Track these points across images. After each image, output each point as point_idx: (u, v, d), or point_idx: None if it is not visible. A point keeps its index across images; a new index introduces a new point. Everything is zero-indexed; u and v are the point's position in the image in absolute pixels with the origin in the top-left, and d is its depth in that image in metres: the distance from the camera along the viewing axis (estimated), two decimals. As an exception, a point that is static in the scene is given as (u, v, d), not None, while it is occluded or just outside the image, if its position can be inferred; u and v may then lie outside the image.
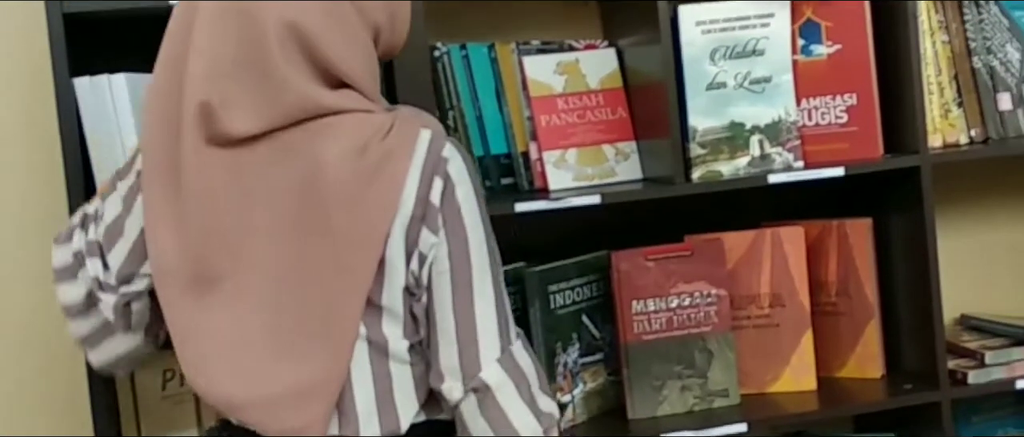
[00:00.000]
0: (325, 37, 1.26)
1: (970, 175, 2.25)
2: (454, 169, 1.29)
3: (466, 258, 1.28)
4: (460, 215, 1.29)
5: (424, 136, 1.28)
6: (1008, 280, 2.29)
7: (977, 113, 2.06)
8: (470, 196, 1.30)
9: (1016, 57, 2.13)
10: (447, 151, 1.29)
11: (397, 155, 1.26)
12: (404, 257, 1.27)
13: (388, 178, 1.25)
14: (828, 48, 1.96)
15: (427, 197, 1.27)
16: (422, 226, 1.27)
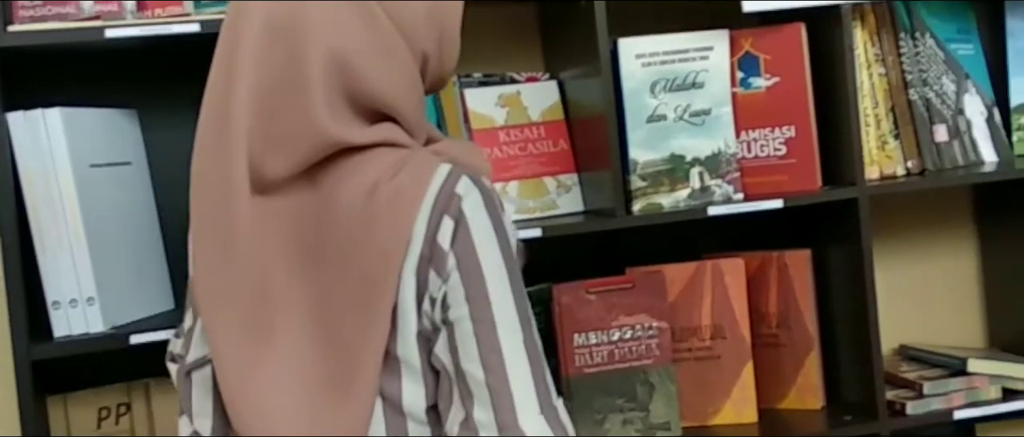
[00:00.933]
0: (369, 66, 1.20)
1: (907, 206, 2.27)
2: (469, 207, 1.18)
3: (486, 303, 1.17)
4: (476, 257, 1.18)
5: (440, 172, 1.20)
6: (946, 310, 2.32)
7: (913, 145, 2.09)
8: (489, 237, 1.19)
9: (951, 89, 2.16)
10: (462, 187, 1.19)
11: (406, 194, 1.18)
12: (416, 301, 1.18)
13: (395, 219, 1.17)
14: (767, 81, 1.98)
15: (435, 238, 1.17)
16: (430, 268, 1.18)
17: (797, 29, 1.96)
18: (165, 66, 1.91)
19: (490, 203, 1.20)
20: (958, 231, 2.32)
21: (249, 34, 1.21)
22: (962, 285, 2.32)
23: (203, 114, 1.25)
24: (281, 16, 1.21)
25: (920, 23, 2.14)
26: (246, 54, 1.21)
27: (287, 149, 1.19)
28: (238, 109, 1.20)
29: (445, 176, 1.19)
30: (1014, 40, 2.26)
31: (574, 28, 1.88)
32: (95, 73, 1.88)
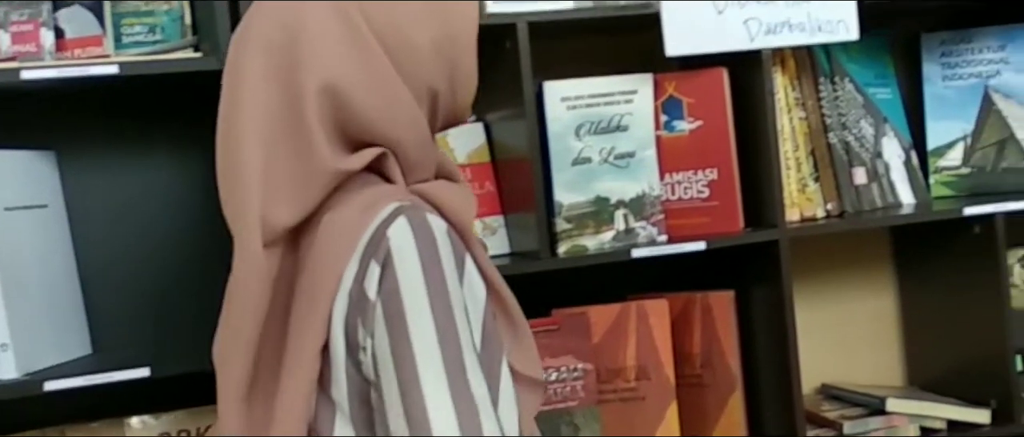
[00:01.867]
0: (363, 100, 1.15)
1: (828, 247, 2.30)
2: (397, 251, 1.10)
3: (410, 358, 1.08)
4: (402, 307, 1.09)
5: (383, 212, 1.13)
6: (866, 350, 2.35)
7: (833, 187, 2.12)
8: (416, 283, 1.10)
9: (870, 133, 2.20)
10: (394, 230, 1.11)
11: (340, 236, 1.13)
12: (345, 350, 1.12)
13: (326, 261, 1.12)
14: (690, 124, 2.00)
15: (362, 284, 1.11)
16: (357, 316, 1.11)
17: (719, 73, 1.99)
18: (84, 107, 1.88)
19: (425, 249, 1.11)
20: (877, 272, 2.36)
21: (249, 70, 1.18)
22: (881, 325, 2.36)
23: (218, 160, 1.22)
24: (277, 50, 1.18)
25: (839, 68, 2.18)
26: (247, 94, 1.17)
27: (293, 194, 1.15)
28: (248, 154, 1.16)
29: (383, 217, 1.13)
30: (930, 85, 2.32)
31: (500, 71, 1.89)
32: (11, 114, 1.85)
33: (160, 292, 1.92)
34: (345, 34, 1.17)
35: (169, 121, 1.92)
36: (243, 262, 1.17)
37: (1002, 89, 2.26)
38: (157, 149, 1.92)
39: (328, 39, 1.17)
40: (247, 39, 1.20)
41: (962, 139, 2.28)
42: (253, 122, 1.16)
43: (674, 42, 1.93)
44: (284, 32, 1.18)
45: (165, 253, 1.92)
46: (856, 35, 2.01)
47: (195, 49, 1.80)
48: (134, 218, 1.91)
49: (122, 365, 1.66)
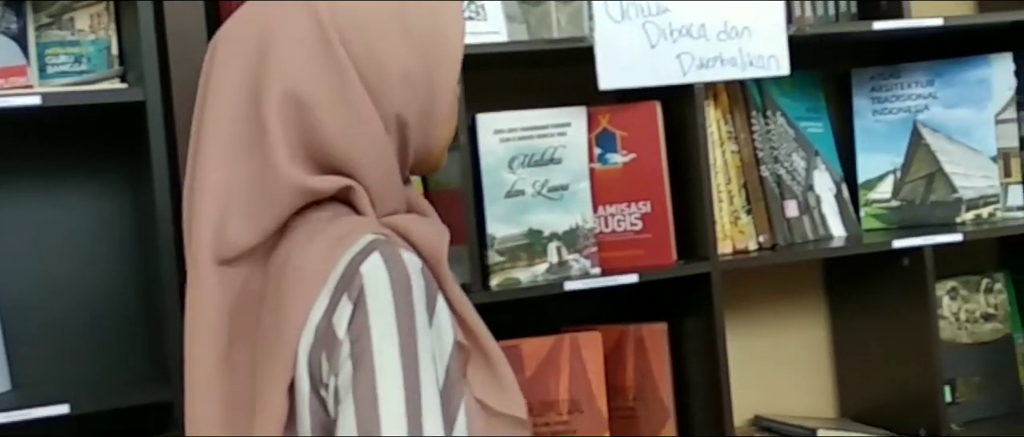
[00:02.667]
0: (327, 115, 1.12)
1: (760, 280, 2.32)
2: (371, 289, 1.07)
3: (373, 403, 1.04)
4: (370, 348, 1.06)
5: (355, 245, 1.09)
6: (799, 381, 2.36)
7: (765, 220, 2.13)
8: (387, 327, 1.06)
9: (802, 166, 2.22)
10: (368, 266, 1.07)
11: (311, 268, 1.08)
12: (310, 385, 1.09)
13: (296, 294, 1.08)
14: (623, 157, 2.01)
15: (330, 320, 1.07)
16: (322, 352, 1.08)
17: (652, 107, 2.00)
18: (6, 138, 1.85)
19: (399, 286, 1.08)
20: (809, 303, 2.38)
21: (218, 77, 1.16)
22: (813, 356, 2.38)
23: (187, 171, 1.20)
24: (249, 56, 1.16)
25: (771, 102, 2.20)
26: (216, 101, 1.15)
27: (253, 210, 1.13)
28: (210, 164, 1.14)
29: (357, 251, 1.09)
30: (861, 118, 2.35)
31: (432, 103, 1.88)
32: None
33: (82, 327, 1.88)
34: (316, 45, 1.15)
35: (94, 152, 1.89)
36: (193, 281, 1.13)
37: (930, 123, 2.30)
38: (81, 181, 1.89)
39: (299, 48, 1.14)
40: (222, 42, 1.18)
41: (892, 172, 2.31)
42: (217, 130, 1.14)
43: (607, 76, 1.93)
44: (258, 39, 1.16)
45: (88, 287, 1.88)
46: (787, 70, 2.03)
47: (122, 79, 1.77)
48: (57, 251, 1.87)
49: (42, 402, 1.62)
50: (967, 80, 2.28)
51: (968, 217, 2.25)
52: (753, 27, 2.01)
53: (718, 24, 2.00)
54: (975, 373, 2.31)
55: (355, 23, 1.16)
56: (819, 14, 2.20)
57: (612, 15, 1.94)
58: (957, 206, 2.26)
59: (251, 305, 1.14)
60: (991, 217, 2.24)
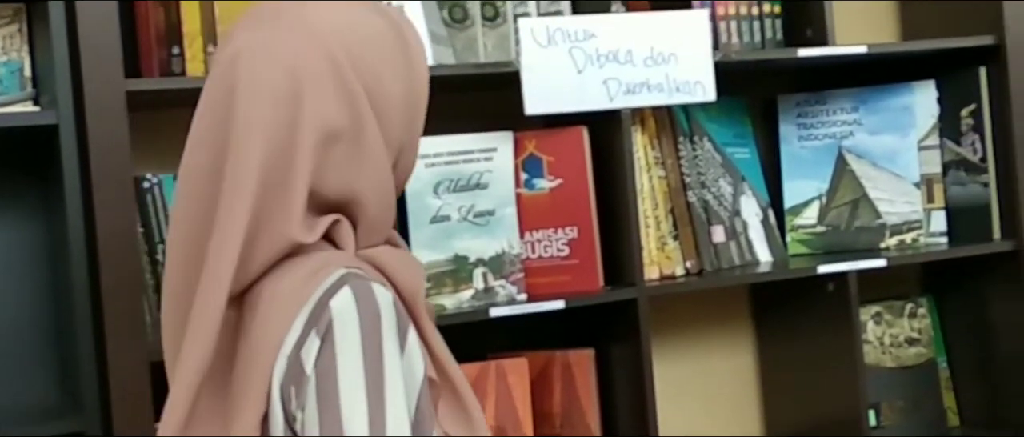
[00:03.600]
0: (346, 153, 1.13)
1: (687, 305, 2.32)
2: (339, 324, 1.07)
3: (337, 433, 1.05)
4: (336, 385, 1.05)
5: (327, 280, 1.09)
6: (726, 406, 2.36)
7: (692, 245, 2.14)
8: (352, 359, 1.06)
9: (728, 191, 2.23)
10: (338, 300, 1.08)
11: (282, 303, 1.09)
12: (282, 415, 1.08)
13: (270, 330, 1.08)
14: (550, 182, 2.00)
15: (299, 354, 1.07)
16: (292, 386, 1.07)
17: (579, 132, 1.99)
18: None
19: (367, 322, 1.07)
20: (736, 329, 2.38)
21: (255, 119, 1.12)
22: (740, 381, 2.38)
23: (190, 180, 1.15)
24: (284, 100, 1.12)
25: (698, 127, 2.20)
26: (251, 143, 1.11)
27: (256, 254, 1.11)
28: (239, 207, 1.10)
29: (328, 286, 1.09)
30: (787, 144, 2.36)
31: (357, 127, 1.86)
32: None
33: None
34: (336, 82, 1.14)
35: (6, 178, 1.84)
36: (204, 314, 1.10)
37: (855, 150, 2.32)
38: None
39: (326, 87, 1.14)
40: (247, 83, 1.13)
41: (817, 198, 2.33)
42: (252, 177, 1.11)
43: (534, 101, 1.93)
44: (291, 79, 1.13)
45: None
46: (713, 96, 2.04)
47: (34, 102, 1.73)
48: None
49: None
50: (891, 107, 2.31)
51: (892, 242, 2.27)
52: (679, 53, 2.02)
53: (645, 50, 2.00)
54: (899, 397, 2.33)
55: (360, 54, 1.16)
56: (745, 40, 2.21)
57: (539, 40, 1.93)
58: (881, 231, 2.28)
59: (224, 342, 1.13)
60: (915, 242, 2.26)
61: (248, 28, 1.17)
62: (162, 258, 1.81)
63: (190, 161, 1.15)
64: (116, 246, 1.64)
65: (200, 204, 1.13)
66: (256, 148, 1.11)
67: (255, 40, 1.15)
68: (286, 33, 1.15)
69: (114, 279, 1.64)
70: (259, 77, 1.13)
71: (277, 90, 1.13)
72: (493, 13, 2.03)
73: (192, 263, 1.13)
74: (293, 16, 1.16)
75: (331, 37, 1.15)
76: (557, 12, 2.06)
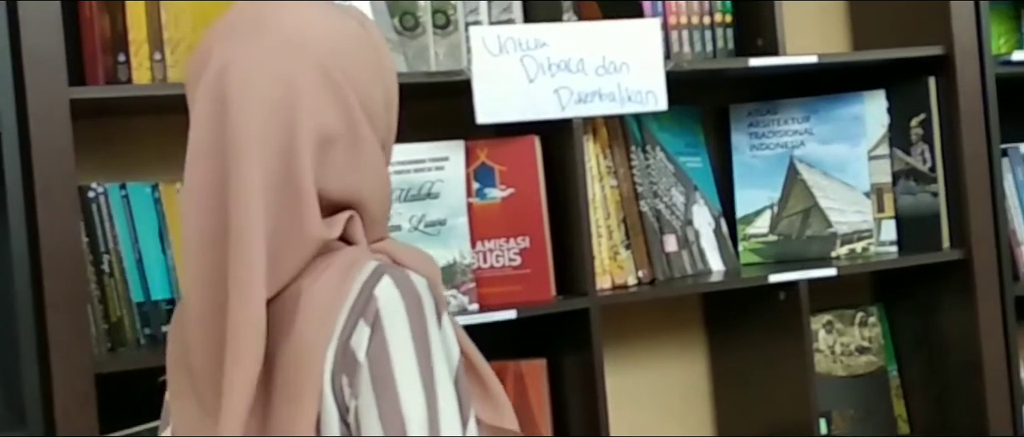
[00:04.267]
0: (344, 156, 1.17)
1: (640, 314, 2.32)
2: (386, 312, 1.11)
3: (401, 423, 1.08)
4: (391, 369, 1.10)
5: (363, 272, 1.14)
6: (678, 416, 2.36)
7: (644, 255, 2.14)
8: (405, 347, 1.10)
9: (681, 201, 2.23)
10: (381, 289, 1.12)
11: (326, 297, 1.12)
12: (336, 409, 1.12)
13: (315, 324, 1.11)
14: (502, 192, 1.99)
15: (348, 343, 1.11)
16: (343, 375, 1.11)
17: (531, 141, 1.99)
18: None
19: (412, 308, 1.12)
20: (688, 338, 2.39)
21: (251, 128, 1.14)
22: (693, 391, 2.38)
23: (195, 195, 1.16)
24: (278, 108, 1.15)
25: (650, 137, 2.21)
26: (249, 154, 1.13)
27: (283, 261, 1.13)
28: (253, 217, 1.12)
29: (367, 276, 1.13)
30: (739, 154, 2.37)
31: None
32: None
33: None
34: (329, 87, 1.17)
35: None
36: (246, 321, 1.12)
37: (806, 159, 2.33)
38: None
39: (320, 93, 1.17)
40: (240, 95, 1.15)
41: (769, 207, 2.34)
42: (256, 188, 1.13)
43: (485, 109, 1.92)
44: (284, 88, 1.16)
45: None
46: (664, 105, 2.04)
47: (-23, 110, 1.70)
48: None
49: None
50: (842, 117, 2.32)
51: (843, 251, 2.29)
52: (631, 62, 2.02)
53: (596, 59, 2.00)
54: (850, 405, 2.34)
55: (344, 58, 1.19)
56: (697, 50, 2.21)
57: (490, 49, 1.93)
58: (832, 241, 2.30)
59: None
60: (865, 252, 2.28)
61: (229, 40, 1.18)
62: (108, 268, 1.79)
63: (192, 177, 1.17)
64: (60, 256, 1.61)
65: (213, 216, 1.15)
66: (257, 157, 1.14)
67: (242, 52, 1.17)
68: (273, 44, 1.17)
69: (58, 290, 1.61)
70: (252, 88, 1.15)
71: (271, 99, 1.15)
72: (444, 21, 2.02)
73: (216, 277, 1.15)
74: (275, 26, 1.18)
75: (317, 44, 1.18)
76: (509, 20, 2.06)
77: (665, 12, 2.18)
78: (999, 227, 2.26)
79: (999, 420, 2.26)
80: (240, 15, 1.20)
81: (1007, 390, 2.27)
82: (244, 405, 1.11)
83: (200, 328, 1.18)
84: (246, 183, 1.13)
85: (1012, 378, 2.27)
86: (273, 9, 1.20)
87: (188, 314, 1.20)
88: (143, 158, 1.93)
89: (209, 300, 1.16)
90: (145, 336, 1.80)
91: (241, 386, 1.11)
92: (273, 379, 1.14)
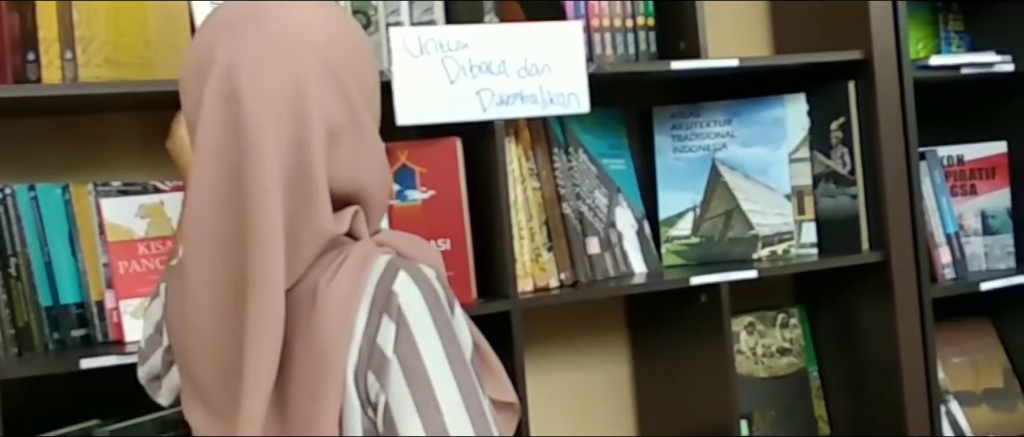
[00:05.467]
0: (349, 148, 1.20)
1: (563, 316, 2.31)
2: (409, 307, 1.14)
3: (437, 412, 1.12)
4: (421, 363, 1.13)
5: (378, 267, 1.17)
6: (601, 418, 2.36)
7: (567, 257, 2.13)
8: (432, 338, 1.14)
9: (604, 203, 2.23)
10: (400, 284, 1.15)
11: (343, 293, 1.14)
12: (358, 401, 1.15)
13: (336, 320, 1.14)
14: (423, 193, 1.98)
15: (374, 340, 1.14)
16: (368, 372, 1.14)
17: (452, 143, 1.97)
18: None
19: (431, 300, 1.16)
20: (611, 340, 2.39)
21: (262, 126, 1.15)
22: (616, 393, 2.38)
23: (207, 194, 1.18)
24: (287, 102, 1.17)
25: (573, 139, 2.20)
26: (263, 149, 1.15)
27: (298, 254, 1.15)
28: (270, 211, 1.14)
29: (382, 271, 1.16)
30: (662, 156, 2.37)
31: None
32: None
33: None
34: (331, 80, 1.19)
35: None
36: (267, 314, 1.14)
37: (728, 162, 2.34)
38: None
39: (325, 88, 1.19)
40: (251, 91, 1.16)
41: (692, 209, 2.35)
42: (273, 183, 1.15)
43: (406, 111, 1.90)
44: (288, 82, 1.17)
45: None
46: (587, 108, 2.03)
47: None
48: None
49: None
50: (763, 120, 2.34)
51: (764, 253, 2.30)
52: (553, 64, 2.01)
53: (518, 61, 1.99)
54: (771, 407, 2.36)
55: (344, 53, 1.22)
56: (619, 52, 2.21)
57: (411, 50, 1.91)
58: (754, 243, 2.31)
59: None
60: (786, 253, 2.29)
61: (231, 37, 1.19)
62: (15, 272, 1.74)
63: (203, 176, 1.18)
64: (-37, 260, 1.57)
65: (227, 215, 1.17)
66: (272, 154, 1.15)
67: (248, 49, 1.18)
68: (277, 40, 1.19)
69: (-39, 294, 1.56)
70: (262, 86, 1.17)
71: (282, 96, 1.17)
72: (365, 22, 2.00)
73: (234, 277, 1.16)
74: (277, 22, 1.19)
75: (318, 37, 1.20)
76: (430, 21, 2.04)
77: (588, 14, 2.18)
78: (917, 229, 2.29)
79: (917, 420, 2.28)
80: (236, 12, 1.22)
81: (925, 390, 2.29)
82: (264, 400, 1.13)
83: (212, 332, 1.18)
84: (264, 180, 1.14)
85: (929, 378, 2.30)
86: (271, 4, 1.21)
87: (191, 321, 1.20)
88: (53, 159, 1.88)
89: (225, 301, 1.17)
90: (54, 341, 1.76)
91: (263, 382, 1.14)
92: (290, 375, 1.15)
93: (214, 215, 1.17)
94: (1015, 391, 2.58)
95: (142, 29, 1.83)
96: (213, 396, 1.21)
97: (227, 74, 1.18)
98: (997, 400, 2.56)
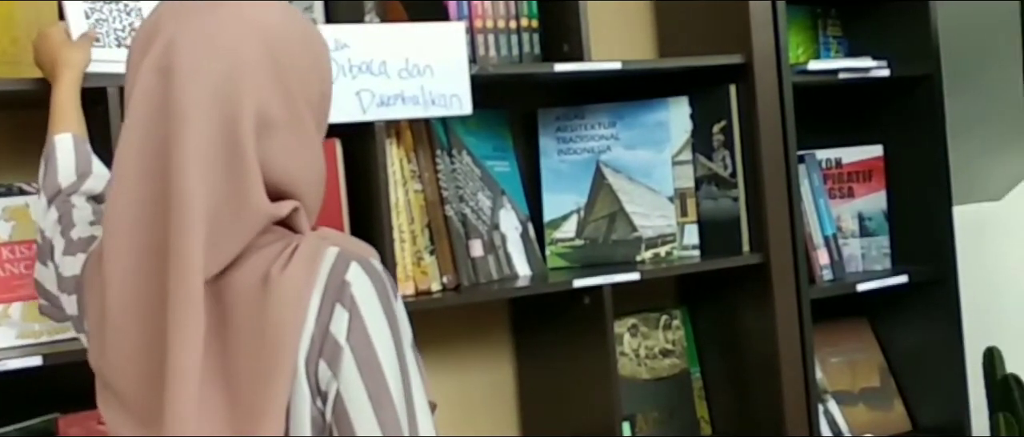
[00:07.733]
0: (285, 141, 1.19)
1: (445, 320, 2.30)
2: (361, 296, 1.16)
3: (387, 397, 1.15)
4: (374, 351, 1.16)
5: (328, 257, 1.18)
6: (484, 422, 2.35)
7: (449, 260, 2.12)
8: (382, 328, 1.17)
9: (488, 205, 2.22)
10: (352, 274, 1.17)
11: (297, 282, 1.15)
12: (308, 389, 1.15)
13: (288, 307, 1.14)
14: (302, 196, 1.94)
15: (327, 328, 1.16)
16: (320, 360, 1.15)
17: (332, 144, 1.95)
18: None
19: (381, 291, 1.18)
20: (495, 343, 2.38)
21: (190, 101, 1.15)
22: (500, 396, 2.38)
23: (132, 162, 1.17)
24: (219, 79, 1.17)
25: (457, 141, 2.19)
26: (189, 126, 1.15)
27: (229, 234, 1.15)
28: (192, 189, 1.14)
29: (333, 261, 1.18)
30: (547, 158, 2.38)
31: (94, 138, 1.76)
32: None
33: None
34: (272, 70, 1.19)
35: None
36: (184, 298, 1.13)
37: (612, 164, 2.35)
38: None
39: (263, 74, 1.19)
40: (186, 67, 1.17)
41: (576, 212, 2.35)
42: (197, 155, 1.15)
43: (283, 111, 1.87)
44: (224, 62, 1.18)
45: None
46: (469, 110, 2.02)
47: None
48: None
49: None
50: (646, 122, 2.35)
51: (647, 255, 2.32)
52: (435, 66, 2.00)
53: (400, 62, 1.97)
54: (654, 408, 2.37)
55: (292, 51, 1.22)
56: (503, 54, 2.20)
57: (288, 49, 1.87)
58: (637, 245, 2.32)
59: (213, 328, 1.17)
60: (669, 255, 2.31)
61: (180, 17, 1.20)
62: None
63: (130, 145, 1.18)
64: None
65: (151, 184, 1.16)
66: (200, 126, 1.15)
67: (192, 27, 1.19)
68: (225, 23, 1.19)
69: None
70: (198, 62, 1.17)
71: (216, 74, 1.17)
72: (242, 20, 1.96)
73: (149, 243, 1.16)
74: (229, 11, 1.20)
75: (266, 27, 1.20)
76: (311, 21, 2.01)
77: (471, 15, 2.16)
78: (796, 231, 2.33)
79: (796, 419, 2.32)
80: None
81: (803, 389, 2.33)
82: (194, 388, 1.13)
83: (137, 325, 1.17)
84: (187, 148, 1.14)
85: (808, 378, 2.34)
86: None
87: (114, 326, 1.18)
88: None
89: (147, 288, 1.16)
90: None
91: (185, 372, 1.12)
92: (237, 362, 1.15)
93: (140, 181, 1.17)
94: (891, 390, 2.64)
95: (8, 26, 1.78)
96: (137, 407, 1.19)
97: (167, 49, 1.19)
98: (874, 399, 2.61)
